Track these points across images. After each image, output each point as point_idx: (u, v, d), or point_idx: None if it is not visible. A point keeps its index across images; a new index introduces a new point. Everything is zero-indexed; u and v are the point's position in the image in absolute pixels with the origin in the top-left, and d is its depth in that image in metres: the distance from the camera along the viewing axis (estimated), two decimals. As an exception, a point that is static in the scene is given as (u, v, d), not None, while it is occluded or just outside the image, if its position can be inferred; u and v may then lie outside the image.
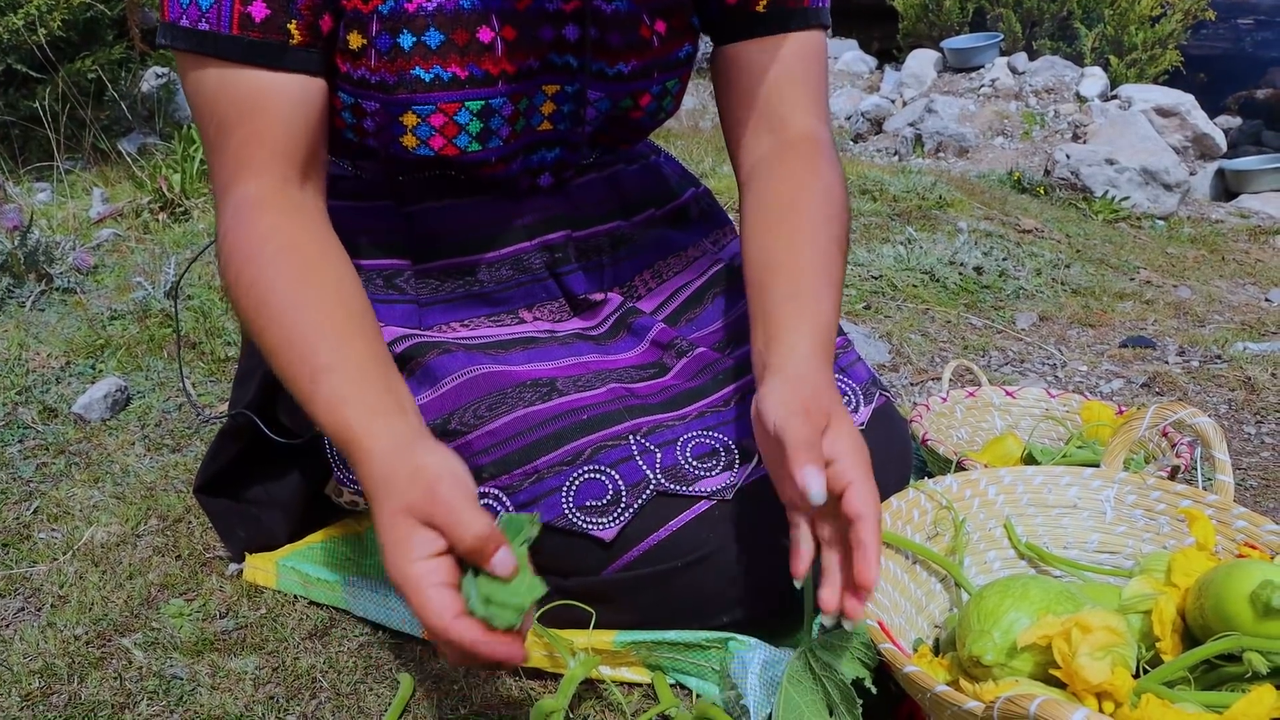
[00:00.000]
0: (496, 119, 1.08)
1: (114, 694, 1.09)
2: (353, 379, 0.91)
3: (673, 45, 1.16)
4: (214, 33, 0.97)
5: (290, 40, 0.98)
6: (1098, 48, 6.69)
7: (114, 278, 2.50)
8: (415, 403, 0.95)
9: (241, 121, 0.99)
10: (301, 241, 1.00)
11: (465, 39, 1.03)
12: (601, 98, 1.14)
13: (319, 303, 0.96)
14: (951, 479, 1.19)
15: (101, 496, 1.52)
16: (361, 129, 1.09)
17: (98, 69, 3.79)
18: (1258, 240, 4.10)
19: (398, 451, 0.86)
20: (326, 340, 0.93)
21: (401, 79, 1.03)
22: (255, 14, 0.96)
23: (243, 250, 0.98)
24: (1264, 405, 1.98)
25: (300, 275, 0.97)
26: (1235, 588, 0.95)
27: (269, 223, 0.99)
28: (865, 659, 0.94)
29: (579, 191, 1.24)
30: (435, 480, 0.83)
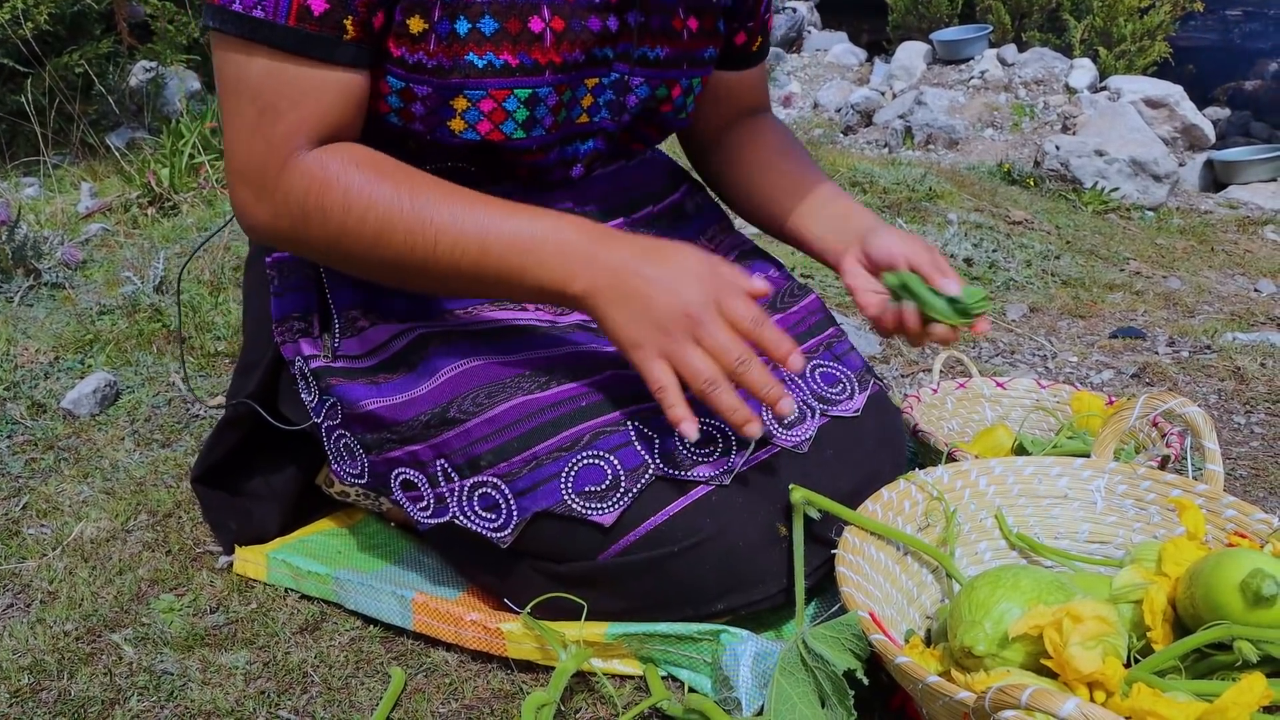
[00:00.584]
0: (542, 108, 1.12)
1: (104, 690, 1.09)
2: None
3: (701, 43, 1.24)
4: (269, 21, 0.98)
5: (344, 35, 1.00)
6: (1087, 39, 6.69)
7: (103, 272, 2.49)
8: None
9: (295, 107, 1.01)
10: (399, 163, 1.07)
11: (518, 28, 1.07)
12: (641, 83, 1.20)
13: (479, 194, 1.06)
14: (942, 470, 1.19)
15: (91, 492, 1.52)
16: (409, 113, 1.11)
17: (85, 63, 3.77)
18: (1246, 231, 4.11)
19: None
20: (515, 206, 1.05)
21: (457, 64, 1.06)
22: (315, 8, 0.98)
23: (363, 182, 1.02)
24: (1253, 395, 1.98)
25: (435, 181, 1.06)
26: (1225, 577, 0.95)
27: (375, 154, 1.05)
28: (857, 650, 0.94)
29: (588, 187, 1.26)
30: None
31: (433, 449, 1.08)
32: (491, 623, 1.09)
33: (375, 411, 1.11)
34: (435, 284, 1.08)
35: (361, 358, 1.17)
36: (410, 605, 1.14)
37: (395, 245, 1.02)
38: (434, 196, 1.03)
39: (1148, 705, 0.80)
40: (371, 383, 1.14)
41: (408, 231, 1.02)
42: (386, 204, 1.02)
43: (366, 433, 1.13)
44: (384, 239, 1.02)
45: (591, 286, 1.01)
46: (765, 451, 1.10)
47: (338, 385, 1.14)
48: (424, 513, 1.11)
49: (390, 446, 1.11)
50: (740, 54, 1.37)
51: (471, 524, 1.07)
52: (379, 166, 1.04)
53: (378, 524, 1.36)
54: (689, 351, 1.00)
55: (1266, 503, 1.55)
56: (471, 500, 1.07)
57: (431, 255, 1.02)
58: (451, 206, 1.02)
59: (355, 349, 1.18)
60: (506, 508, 1.05)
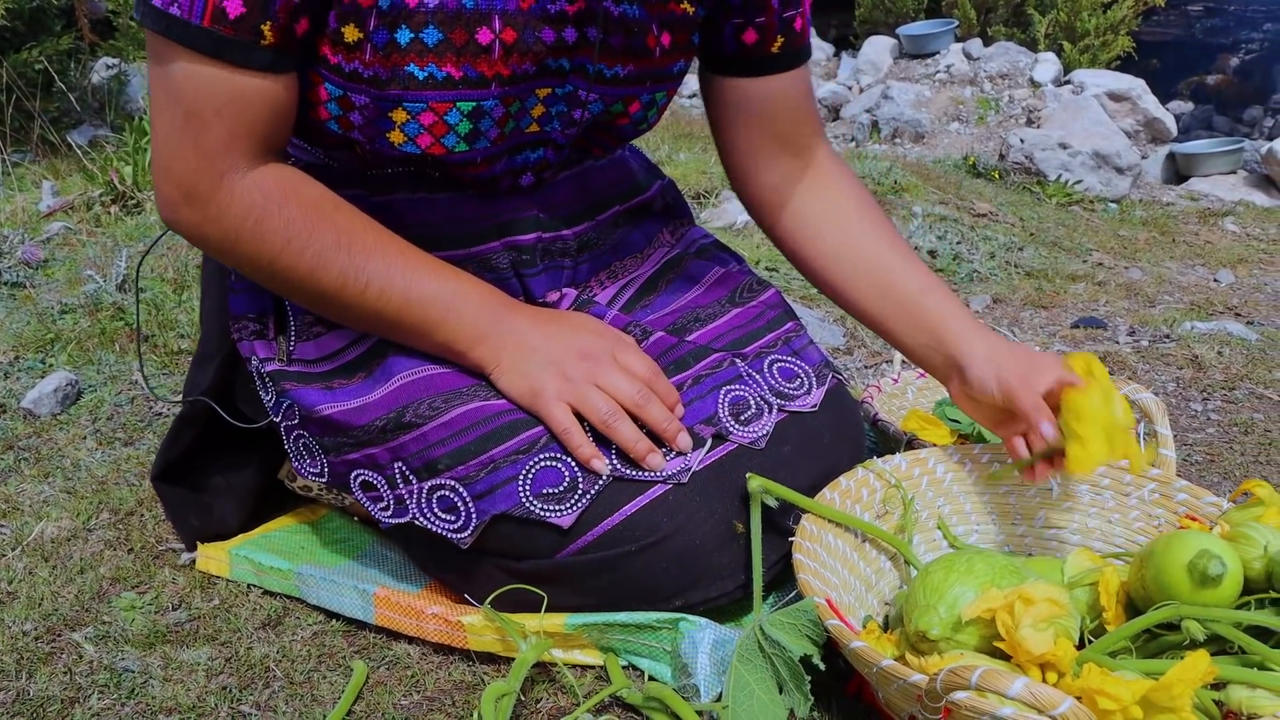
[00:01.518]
0: (486, 121, 1.07)
1: (63, 689, 1.08)
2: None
3: (672, 59, 1.17)
4: (184, 20, 0.94)
5: (261, 41, 0.96)
6: (1051, 34, 6.74)
7: (64, 271, 2.47)
8: None
9: (219, 115, 0.98)
10: (343, 202, 1.09)
11: (464, 39, 1.01)
12: (596, 100, 1.14)
13: (413, 247, 1.11)
14: (900, 458, 1.21)
15: (52, 491, 1.51)
16: (348, 121, 1.07)
17: (44, 60, 3.74)
18: (1207, 222, 4.16)
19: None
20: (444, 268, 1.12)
21: (395, 75, 1.01)
22: (230, 10, 0.94)
23: (304, 220, 1.04)
24: (1210, 383, 2.01)
25: (377, 226, 1.09)
26: (1174, 558, 0.97)
27: (312, 189, 1.06)
28: (813, 636, 0.95)
29: (551, 191, 1.23)
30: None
31: (390, 452, 1.09)
32: (453, 616, 1.09)
33: (331, 416, 1.11)
34: (354, 322, 1.12)
35: (317, 363, 1.17)
36: (372, 599, 1.14)
37: (326, 283, 1.06)
38: (370, 244, 1.07)
39: (1096, 684, 0.82)
40: (327, 388, 1.14)
41: (341, 273, 1.05)
42: (324, 245, 1.04)
43: (324, 435, 1.13)
44: (317, 275, 1.05)
45: (493, 351, 1.09)
46: (722, 449, 1.11)
47: (292, 389, 1.14)
48: (385, 513, 1.11)
49: (348, 449, 1.11)
50: (754, 56, 1.23)
51: (431, 525, 1.07)
52: (319, 204, 1.06)
53: (341, 519, 1.36)
54: (588, 391, 1.07)
55: (1221, 487, 1.57)
56: (430, 502, 1.07)
57: (359, 299, 1.07)
58: (385, 258, 1.07)
59: (311, 353, 1.18)
60: (465, 510, 1.06)
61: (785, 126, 1.27)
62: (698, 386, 1.14)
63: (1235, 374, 2.06)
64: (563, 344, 1.10)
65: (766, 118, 1.26)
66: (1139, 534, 1.17)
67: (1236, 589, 0.97)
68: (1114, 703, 0.80)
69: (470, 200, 1.17)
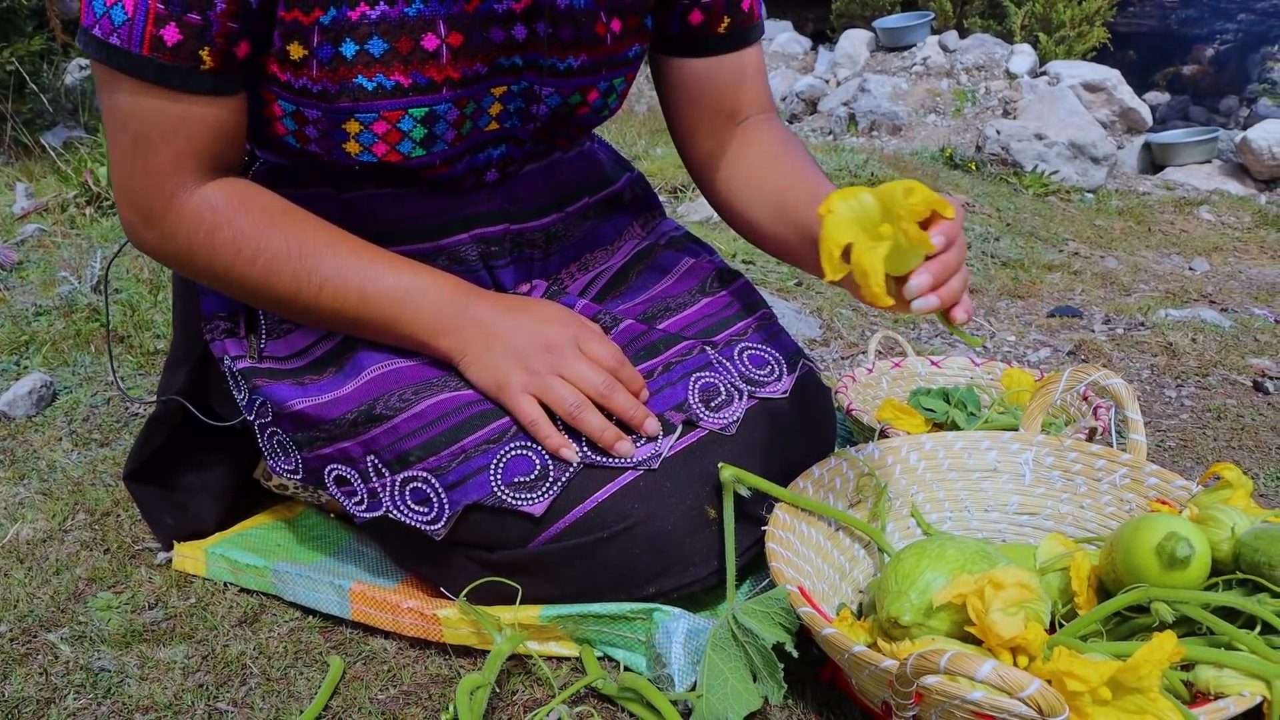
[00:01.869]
0: (441, 124, 1.08)
1: (39, 689, 1.08)
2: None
3: (625, 44, 1.18)
4: (124, 50, 0.96)
5: (201, 66, 0.98)
6: (1027, 25, 6.77)
7: (39, 273, 2.46)
8: None
9: (166, 140, 1.00)
10: (295, 207, 1.10)
11: (410, 46, 1.02)
12: (552, 93, 1.15)
13: (366, 243, 1.11)
14: (874, 446, 1.21)
15: (27, 493, 1.50)
16: (304, 135, 1.09)
17: (16, 61, 3.71)
18: (1182, 211, 4.19)
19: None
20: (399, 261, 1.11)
21: (344, 88, 1.03)
22: (167, 38, 0.96)
23: (253, 229, 1.05)
24: (1184, 369, 2.03)
25: (329, 227, 1.10)
26: (1143, 541, 0.98)
27: (263, 197, 1.07)
28: (786, 624, 0.96)
29: (518, 184, 1.23)
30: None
31: (362, 445, 1.09)
32: (428, 610, 1.09)
33: (303, 411, 1.11)
34: (318, 323, 1.13)
35: (288, 359, 1.17)
36: (348, 595, 1.14)
37: (281, 288, 1.07)
38: (321, 246, 1.07)
39: (1065, 667, 0.82)
40: (298, 383, 1.14)
41: (294, 277, 1.06)
42: (275, 251, 1.06)
43: (297, 431, 1.13)
44: (271, 281, 1.07)
45: (458, 342, 1.10)
46: (693, 435, 1.11)
47: (264, 386, 1.14)
48: (359, 507, 1.11)
49: (321, 444, 1.11)
50: (700, 36, 1.23)
51: (404, 517, 1.08)
52: (269, 212, 1.07)
53: (317, 515, 1.36)
54: (553, 383, 1.08)
55: (1194, 472, 1.59)
56: (403, 494, 1.07)
57: (315, 300, 1.08)
58: (337, 258, 1.07)
59: (282, 350, 1.18)
60: (438, 501, 1.06)
61: (728, 103, 1.27)
62: (668, 373, 1.14)
63: (1209, 360, 2.07)
64: (526, 334, 1.10)
65: (709, 95, 1.26)
66: (1111, 519, 1.18)
67: (1204, 571, 0.97)
68: (1082, 684, 0.81)
69: (438, 195, 1.17)
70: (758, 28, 1.27)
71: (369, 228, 1.17)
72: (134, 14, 0.95)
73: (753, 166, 1.25)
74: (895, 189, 0.91)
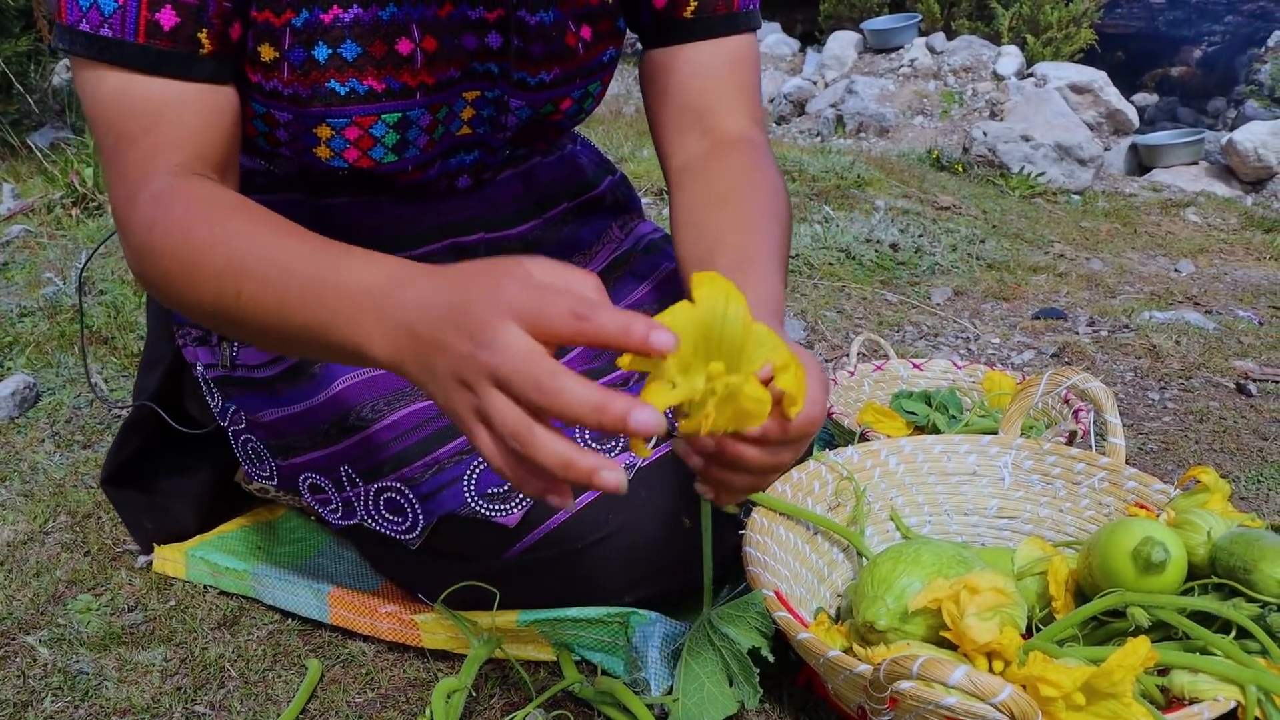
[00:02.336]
0: (414, 130, 1.06)
1: (17, 692, 1.08)
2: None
3: (597, 50, 1.15)
4: (118, 40, 0.90)
5: (200, 50, 0.93)
6: (1014, 27, 6.79)
7: (24, 274, 2.45)
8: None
9: (147, 132, 0.93)
10: (245, 200, 0.93)
11: (383, 51, 0.99)
12: (522, 106, 1.13)
13: (296, 229, 0.87)
14: (853, 450, 1.21)
15: (9, 495, 1.50)
16: (274, 138, 1.06)
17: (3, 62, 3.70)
18: (1168, 213, 4.20)
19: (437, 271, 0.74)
20: (329, 244, 0.84)
21: (316, 92, 0.99)
22: (164, 22, 0.90)
23: (184, 217, 0.88)
24: (1167, 372, 2.03)
25: (267, 218, 0.89)
26: (1119, 545, 0.98)
27: (208, 189, 0.92)
28: (762, 629, 0.96)
29: (495, 190, 1.22)
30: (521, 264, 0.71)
31: (336, 456, 1.08)
32: (406, 614, 1.09)
33: (276, 421, 1.11)
34: (254, 339, 0.92)
35: (260, 368, 1.16)
36: (327, 599, 1.14)
37: (205, 294, 0.87)
38: (251, 238, 0.86)
39: (1039, 672, 0.83)
40: (271, 393, 1.13)
41: (215, 276, 0.86)
42: (199, 242, 0.87)
43: (270, 439, 1.13)
44: (193, 280, 0.88)
45: (394, 351, 0.76)
46: (666, 445, 1.10)
47: (237, 395, 1.14)
48: (334, 515, 1.11)
49: (294, 453, 1.11)
50: (666, 23, 1.15)
51: (379, 526, 1.08)
52: (209, 202, 0.90)
53: (298, 519, 1.35)
54: (492, 400, 0.69)
55: (1175, 475, 1.59)
56: (378, 504, 1.07)
57: (235, 305, 0.85)
58: (261, 251, 0.85)
59: (254, 359, 1.16)
60: (412, 511, 1.06)
61: (694, 101, 1.16)
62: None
63: (1192, 363, 2.08)
64: (457, 329, 0.71)
65: (676, 89, 1.16)
66: (1090, 522, 1.18)
67: (1180, 575, 0.98)
68: (1056, 689, 0.81)
69: (411, 202, 1.16)
70: (739, 18, 1.16)
71: (342, 236, 1.15)
72: (125, 1, 0.90)
73: (696, 206, 1.11)
74: (761, 335, 0.71)
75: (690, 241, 1.08)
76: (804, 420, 0.76)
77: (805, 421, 0.77)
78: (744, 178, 1.11)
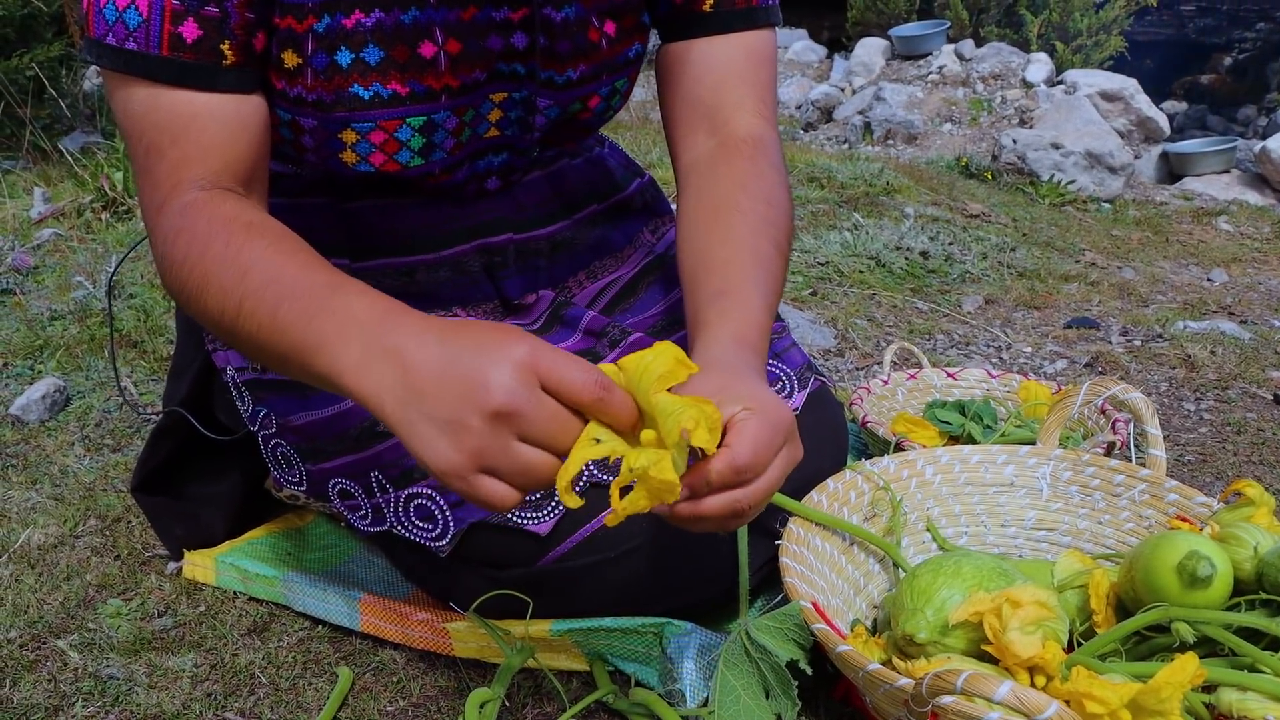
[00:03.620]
0: (440, 133, 1.05)
1: (48, 696, 1.08)
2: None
3: (622, 46, 1.14)
4: (142, 53, 0.91)
5: (223, 61, 0.93)
6: (1043, 34, 6.75)
7: (54, 278, 2.46)
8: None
9: (175, 144, 0.94)
10: (266, 218, 0.94)
11: (406, 55, 0.99)
12: (551, 105, 1.12)
13: (305, 250, 0.89)
14: (889, 460, 1.20)
15: (39, 498, 1.50)
16: (300, 145, 1.06)
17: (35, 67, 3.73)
18: (1200, 221, 4.16)
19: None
20: (330, 270, 0.86)
21: (339, 97, 0.99)
22: (186, 35, 0.91)
23: (206, 232, 0.90)
24: (1203, 382, 2.01)
25: (277, 236, 0.90)
26: (1163, 559, 0.96)
27: (230, 207, 0.93)
28: (800, 640, 0.95)
29: (523, 192, 1.22)
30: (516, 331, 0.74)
31: (366, 461, 1.08)
32: (438, 622, 1.09)
33: (306, 425, 1.10)
34: (253, 357, 0.93)
35: None
36: (358, 606, 1.14)
37: (211, 305, 0.89)
38: (260, 258, 0.87)
39: (1084, 688, 0.81)
40: (301, 396, 1.13)
41: (222, 290, 0.87)
42: (214, 258, 0.89)
43: (301, 443, 1.13)
44: (204, 294, 0.89)
45: (373, 384, 0.76)
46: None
47: (268, 398, 1.13)
48: (363, 521, 1.10)
49: (324, 458, 1.10)
50: (683, 15, 1.14)
51: (409, 533, 1.07)
52: (228, 221, 0.91)
53: (328, 525, 1.35)
54: (502, 460, 0.72)
55: (1213, 487, 1.57)
56: (408, 511, 1.06)
57: (235, 319, 0.87)
58: (267, 270, 0.86)
59: None
60: (442, 518, 1.05)
61: (706, 94, 1.14)
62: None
63: (1228, 373, 2.05)
64: (459, 385, 0.72)
65: (690, 83, 1.15)
66: (1129, 535, 1.16)
67: (1226, 590, 0.96)
68: (1102, 706, 0.80)
69: (439, 204, 1.16)
70: (758, 13, 1.14)
71: (369, 238, 1.16)
72: (149, 15, 0.91)
73: (691, 219, 1.10)
74: (665, 405, 0.72)
75: (683, 255, 1.08)
76: (725, 466, 0.76)
77: (727, 467, 0.76)
78: (741, 188, 1.10)
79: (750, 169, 1.11)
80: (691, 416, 0.71)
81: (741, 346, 0.93)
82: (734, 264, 1.03)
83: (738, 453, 0.76)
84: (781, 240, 1.08)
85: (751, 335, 0.95)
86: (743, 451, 0.77)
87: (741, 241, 1.05)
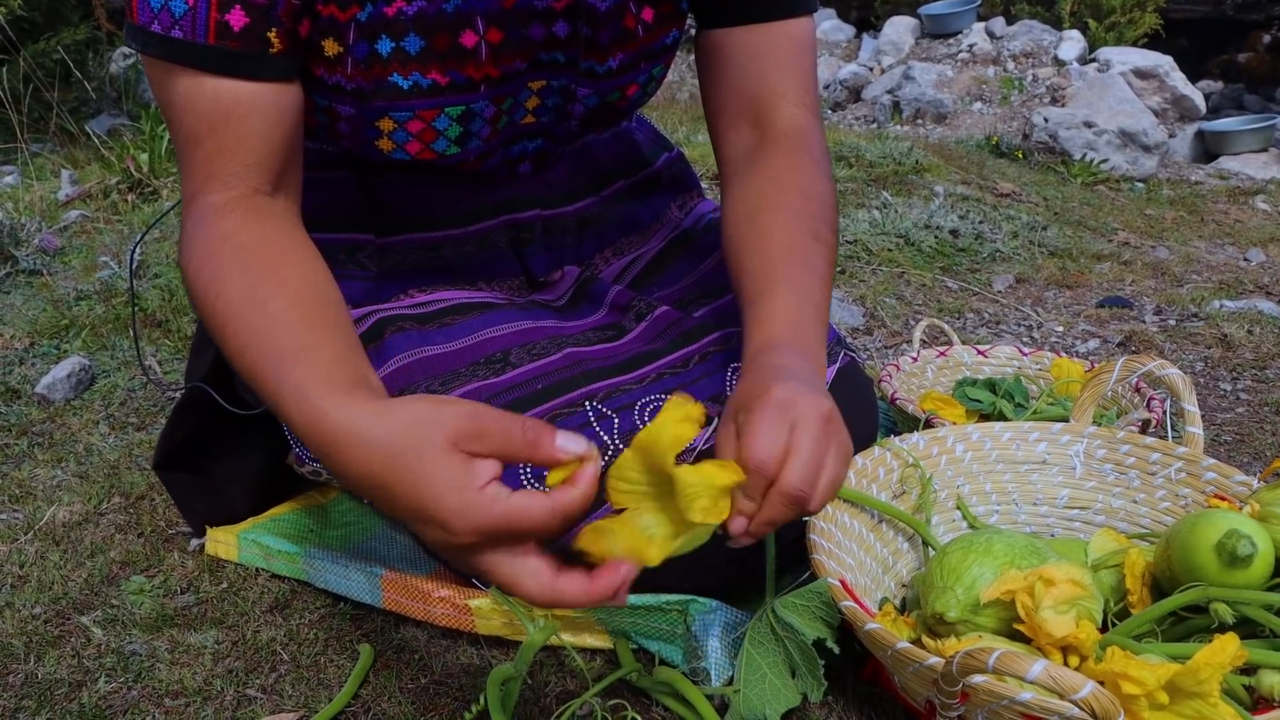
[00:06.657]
0: (478, 122, 1.04)
1: (71, 672, 1.07)
2: (319, 367, 0.82)
3: (659, 33, 1.12)
4: (188, 41, 0.89)
5: (270, 49, 0.91)
6: (1076, 11, 6.66)
7: (81, 259, 2.47)
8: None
9: (212, 133, 0.92)
10: (263, 239, 0.93)
11: (447, 44, 0.98)
12: (590, 94, 1.11)
13: (280, 296, 0.88)
14: (919, 436, 1.18)
15: (64, 476, 1.50)
16: (335, 131, 1.05)
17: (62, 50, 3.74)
18: (1236, 201, 4.09)
19: (393, 406, 0.76)
20: (290, 331, 0.85)
21: (379, 86, 0.99)
22: (234, 23, 0.89)
23: (201, 251, 0.92)
24: (1239, 362, 1.97)
25: (260, 271, 0.90)
26: (1201, 538, 0.94)
27: (231, 224, 0.93)
28: (827, 619, 0.93)
29: (551, 168, 1.21)
30: (467, 404, 0.75)
31: None
32: (460, 599, 1.07)
33: None
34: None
35: None
36: (380, 583, 1.13)
37: (205, 309, 0.91)
38: (253, 288, 0.88)
39: (1119, 668, 0.79)
40: None
41: (213, 303, 0.89)
42: (216, 268, 0.90)
43: None
44: (202, 298, 0.91)
45: (337, 465, 0.79)
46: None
47: None
48: None
49: None
50: (724, 2, 1.11)
51: None
52: (243, 248, 0.91)
53: (351, 502, 1.34)
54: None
55: (1251, 467, 1.54)
56: None
57: (220, 338, 0.89)
58: (240, 309, 0.88)
59: None
60: None
61: (751, 85, 1.12)
62: (705, 363, 1.11)
63: (1266, 353, 2.01)
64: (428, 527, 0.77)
65: (732, 72, 1.12)
66: (1165, 514, 1.14)
67: (1267, 570, 0.93)
68: (1138, 687, 0.77)
69: (468, 183, 1.15)
70: (792, 2, 1.12)
71: (395, 214, 1.15)
72: (195, 2, 0.89)
73: (732, 218, 1.09)
74: (681, 481, 0.77)
75: (727, 262, 1.08)
76: (755, 475, 0.81)
77: (755, 471, 0.81)
78: (776, 184, 1.08)
79: (787, 164, 1.10)
80: (688, 494, 0.78)
81: (767, 350, 0.94)
82: (764, 268, 1.02)
83: (751, 454, 0.81)
84: (820, 229, 1.06)
85: (782, 334, 0.95)
86: (757, 450, 0.81)
87: (774, 242, 1.04)
